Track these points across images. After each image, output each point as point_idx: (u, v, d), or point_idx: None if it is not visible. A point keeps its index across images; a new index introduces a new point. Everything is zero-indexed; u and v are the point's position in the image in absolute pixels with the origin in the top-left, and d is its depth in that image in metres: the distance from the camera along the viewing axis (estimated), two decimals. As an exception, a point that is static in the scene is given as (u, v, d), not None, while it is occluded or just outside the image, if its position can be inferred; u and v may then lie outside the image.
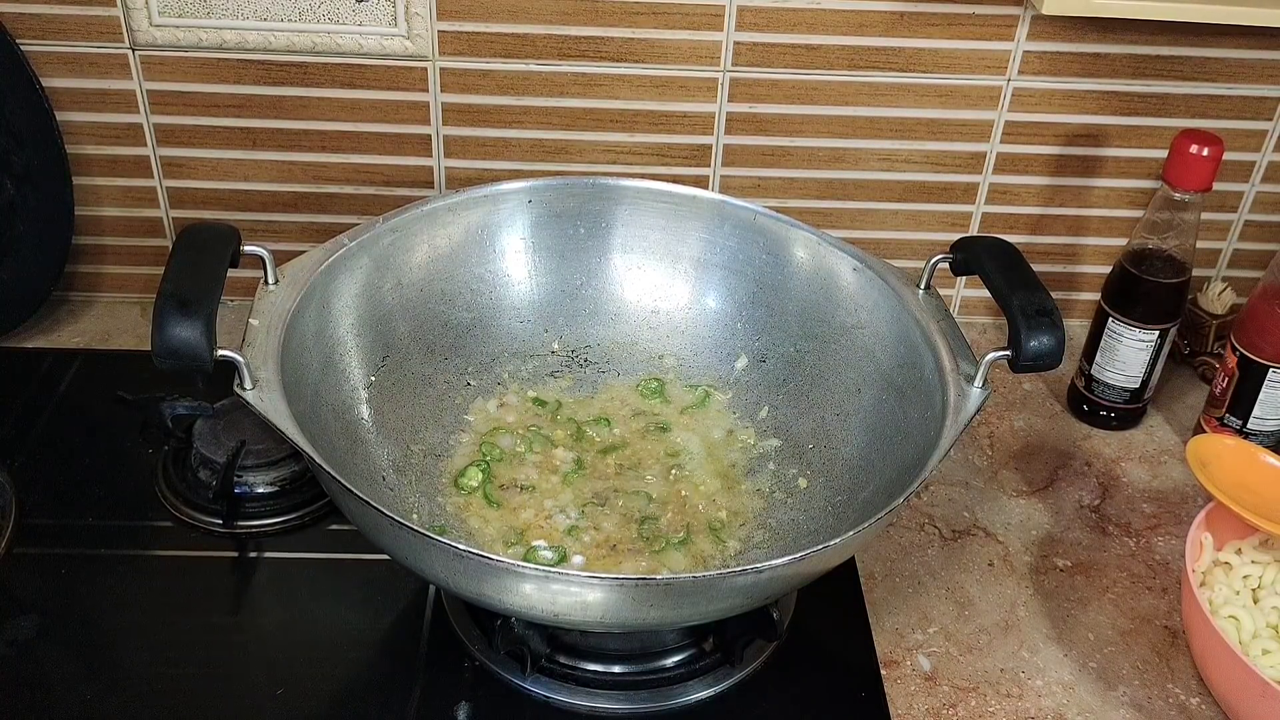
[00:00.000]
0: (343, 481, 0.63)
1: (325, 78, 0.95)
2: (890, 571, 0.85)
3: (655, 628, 0.72)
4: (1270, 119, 1.00)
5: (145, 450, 0.89)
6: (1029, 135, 1.00)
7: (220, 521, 0.84)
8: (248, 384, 0.67)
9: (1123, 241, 0.97)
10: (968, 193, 1.04)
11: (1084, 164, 1.02)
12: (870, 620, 0.80)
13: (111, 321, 1.04)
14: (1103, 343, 0.96)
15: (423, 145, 0.99)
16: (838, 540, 0.64)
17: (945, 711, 0.75)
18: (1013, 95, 0.98)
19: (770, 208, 0.88)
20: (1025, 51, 0.96)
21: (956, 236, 0.83)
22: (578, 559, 0.78)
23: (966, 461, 0.95)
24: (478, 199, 0.87)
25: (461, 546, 0.61)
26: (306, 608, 0.79)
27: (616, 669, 0.75)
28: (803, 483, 0.83)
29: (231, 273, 0.70)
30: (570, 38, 0.94)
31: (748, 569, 0.63)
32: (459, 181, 1.01)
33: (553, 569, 0.64)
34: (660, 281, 0.92)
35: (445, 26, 0.93)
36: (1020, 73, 0.97)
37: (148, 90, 0.96)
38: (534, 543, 0.79)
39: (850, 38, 0.95)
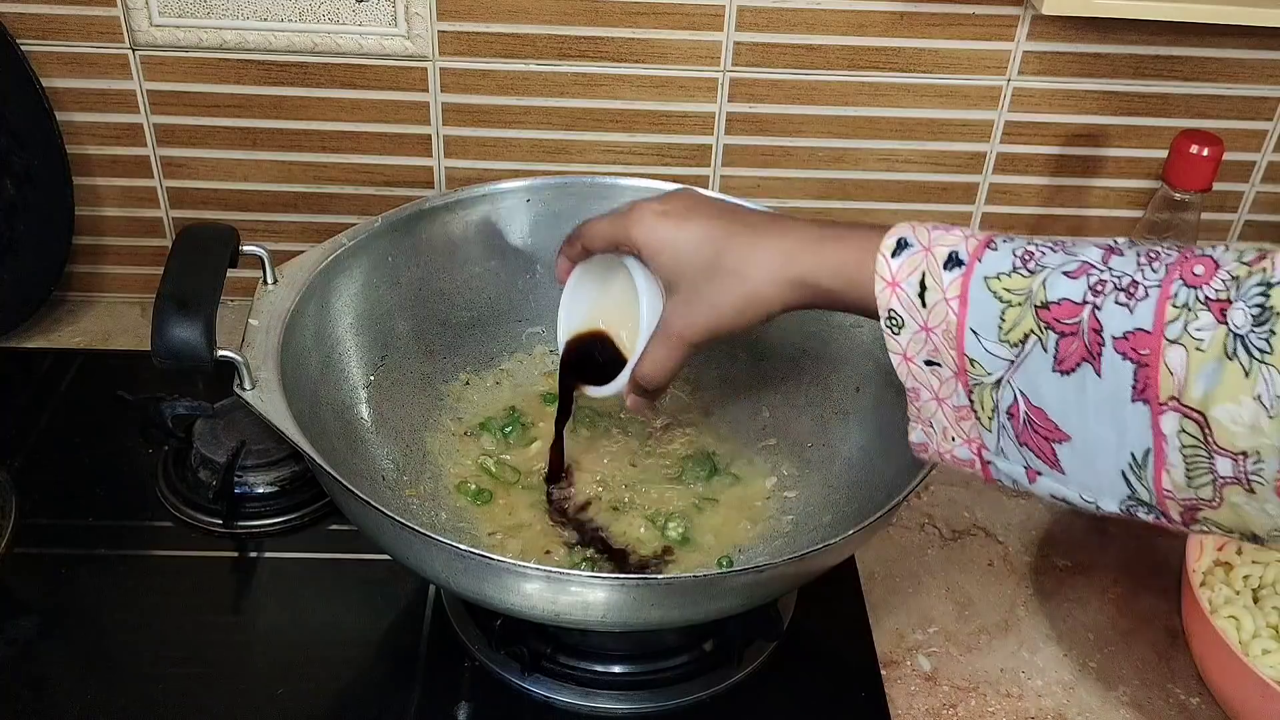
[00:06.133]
0: (343, 481, 0.63)
1: (325, 78, 0.95)
2: (890, 572, 0.85)
3: (656, 628, 0.72)
4: (1270, 119, 1.00)
5: (145, 450, 0.89)
6: (1029, 135, 1.00)
7: (220, 521, 0.84)
8: (248, 384, 0.67)
9: (1123, 241, 0.97)
10: (968, 193, 1.04)
11: (1084, 164, 1.02)
12: (870, 620, 0.80)
13: (111, 321, 1.04)
14: (1103, 343, 0.96)
15: (423, 145, 0.99)
16: (838, 540, 0.64)
17: (945, 711, 0.75)
18: (1013, 95, 0.98)
19: (770, 207, 0.88)
20: (1025, 51, 0.96)
21: (956, 236, 0.83)
22: (578, 559, 0.78)
23: (966, 461, 0.95)
24: (476, 198, 0.87)
25: (462, 547, 0.61)
26: (306, 608, 0.79)
27: (616, 669, 0.75)
28: (802, 482, 0.83)
29: (231, 273, 0.70)
30: (570, 38, 0.94)
31: (748, 569, 0.63)
32: (459, 181, 1.01)
33: (553, 569, 0.64)
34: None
35: (445, 26, 0.93)
36: (1020, 73, 0.97)
37: (148, 90, 0.96)
38: (534, 543, 0.79)
39: (850, 38, 0.95)
